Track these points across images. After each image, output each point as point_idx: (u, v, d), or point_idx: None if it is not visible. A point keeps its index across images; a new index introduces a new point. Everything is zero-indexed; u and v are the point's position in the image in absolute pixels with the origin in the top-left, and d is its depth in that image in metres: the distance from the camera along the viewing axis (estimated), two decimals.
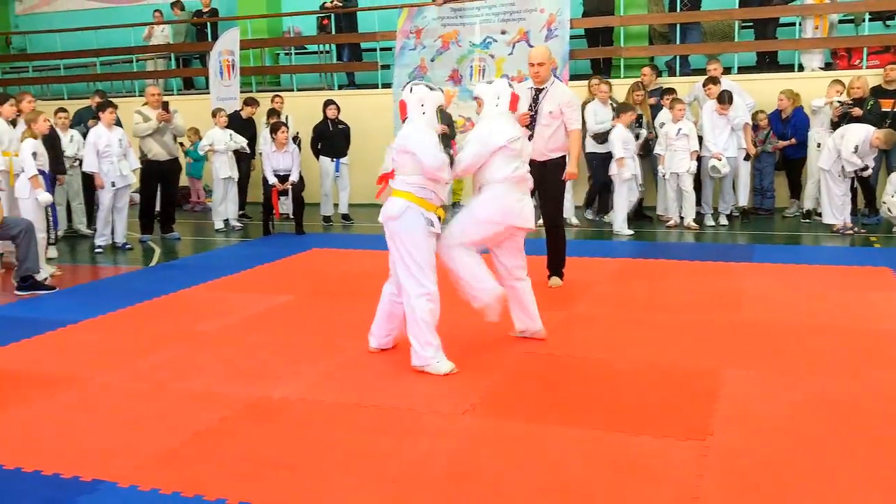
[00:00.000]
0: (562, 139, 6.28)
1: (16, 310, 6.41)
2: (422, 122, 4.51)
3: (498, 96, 4.81)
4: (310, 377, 4.54)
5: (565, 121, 6.21)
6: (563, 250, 6.57)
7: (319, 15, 13.21)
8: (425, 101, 4.54)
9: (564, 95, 6.26)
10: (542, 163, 6.22)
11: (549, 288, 6.41)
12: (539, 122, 6.17)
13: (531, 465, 3.38)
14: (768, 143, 9.75)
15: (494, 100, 4.81)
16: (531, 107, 6.16)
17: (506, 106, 4.80)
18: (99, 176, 8.84)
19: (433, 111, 4.55)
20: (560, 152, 6.32)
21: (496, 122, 4.75)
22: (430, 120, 4.54)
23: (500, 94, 4.81)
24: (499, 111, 4.78)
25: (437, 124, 4.53)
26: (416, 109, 4.53)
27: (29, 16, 16.66)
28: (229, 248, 9.18)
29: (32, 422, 4.01)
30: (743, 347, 4.91)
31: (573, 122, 6.27)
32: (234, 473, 3.37)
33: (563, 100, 6.20)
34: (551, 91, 6.19)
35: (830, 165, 8.59)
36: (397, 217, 4.45)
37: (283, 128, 9.62)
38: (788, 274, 6.83)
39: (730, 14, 11.23)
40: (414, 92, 4.57)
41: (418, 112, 4.53)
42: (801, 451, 3.45)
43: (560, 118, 6.19)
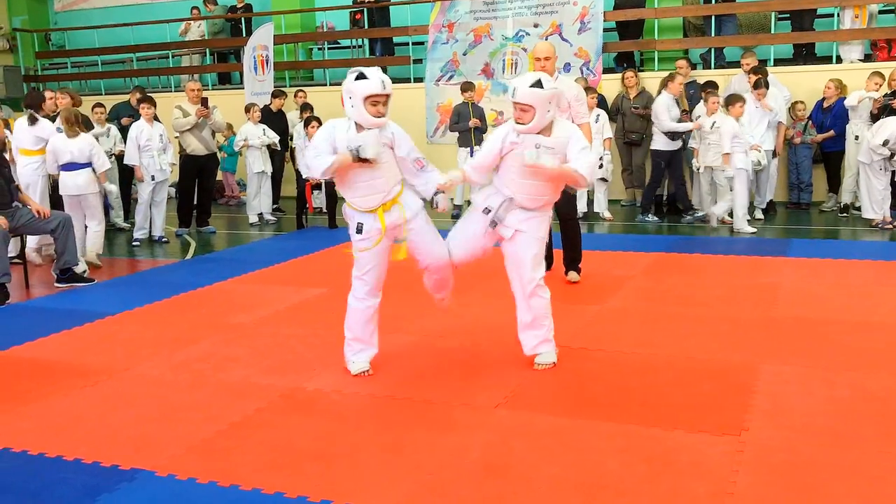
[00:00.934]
0: None
1: (55, 302, 6.53)
2: (335, 119, 4.34)
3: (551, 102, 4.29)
4: (343, 370, 4.56)
5: (574, 115, 6.07)
6: (578, 244, 6.52)
7: (352, 10, 13.25)
8: (351, 94, 4.17)
9: (572, 89, 6.15)
10: None
11: (567, 283, 6.38)
12: None
13: (564, 459, 3.38)
14: (807, 135, 9.59)
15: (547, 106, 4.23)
16: None
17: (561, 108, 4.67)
18: (139, 169, 8.98)
19: (360, 104, 4.14)
20: None
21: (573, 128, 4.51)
22: (356, 114, 4.18)
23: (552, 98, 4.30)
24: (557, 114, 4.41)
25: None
26: (346, 101, 4.23)
27: (67, 12, 16.92)
28: (263, 241, 9.26)
29: (73, 411, 4.08)
30: (779, 342, 4.86)
31: (582, 115, 6.16)
32: (270, 464, 3.41)
33: (571, 94, 6.09)
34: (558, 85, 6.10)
35: (870, 159, 8.45)
36: None
37: (314, 122, 9.68)
38: (826, 269, 6.74)
39: (766, 5, 11.06)
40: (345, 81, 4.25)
41: (347, 105, 4.22)
42: (838, 448, 3.41)
43: (567, 112, 6.13)
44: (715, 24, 11.17)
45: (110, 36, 15.19)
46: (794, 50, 11.23)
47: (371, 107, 4.15)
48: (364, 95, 4.13)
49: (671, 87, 9.15)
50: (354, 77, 4.18)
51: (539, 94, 4.17)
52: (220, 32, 14.60)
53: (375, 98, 4.15)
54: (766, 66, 10.44)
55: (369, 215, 4.30)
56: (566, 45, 11.41)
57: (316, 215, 10.18)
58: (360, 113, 4.16)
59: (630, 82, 10.32)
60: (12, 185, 6.89)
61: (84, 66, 15.75)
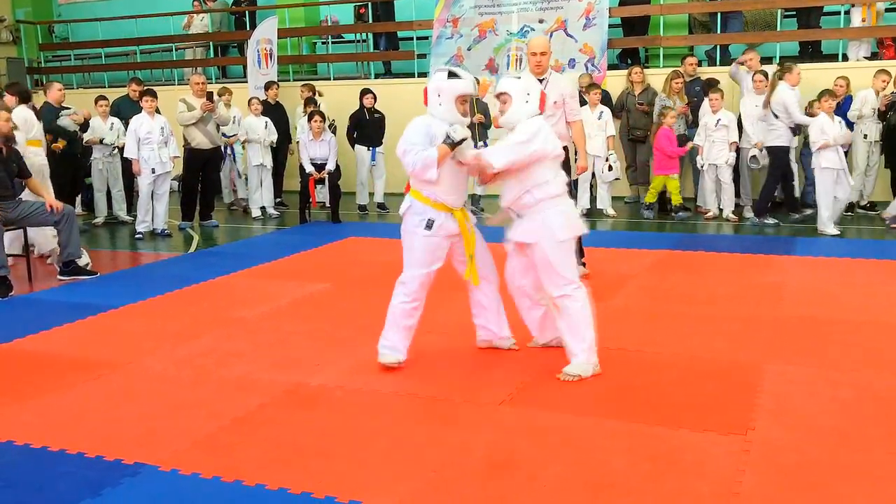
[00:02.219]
0: (565, 130, 6.08)
1: (58, 294, 6.52)
2: (424, 117, 4.31)
3: (528, 93, 4.30)
4: (347, 365, 4.55)
5: (567, 111, 6.06)
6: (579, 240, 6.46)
7: (356, 4, 13.22)
8: (441, 92, 4.24)
9: (566, 87, 6.16)
10: None
11: None
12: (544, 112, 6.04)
13: (569, 457, 3.36)
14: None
15: (524, 96, 4.29)
16: None
17: (536, 104, 4.32)
18: (137, 162, 8.95)
19: (450, 102, 4.22)
20: (563, 142, 6.19)
21: (536, 126, 4.25)
22: (444, 112, 4.24)
23: (531, 90, 4.32)
24: (531, 110, 4.30)
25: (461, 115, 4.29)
26: (432, 100, 4.28)
27: (71, 5, 16.88)
28: (266, 235, 9.25)
29: (75, 405, 4.07)
30: (785, 341, 4.84)
31: (575, 112, 6.14)
32: (273, 459, 3.40)
33: (566, 90, 6.09)
34: (552, 81, 6.02)
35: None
36: (402, 215, 4.43)
37: (317, 116, 9.65)
38: (832, 267, 6.72)
39: (772, 2, 11.01)
40: (433, 80, 4.33)
41: (434, 103, 4.27)
42: (844, 449, 3.39)
43: (562, 108, 6.09)
44: (721, 20, 11.13)
45: (114, 28, 15.15)
46: (800, 47, 11.18)
47: (460, 105, 4.25)
48: (457, 94, 4.22)
49: (789, 78, 8.62)
50: (446, 76, 4.25)
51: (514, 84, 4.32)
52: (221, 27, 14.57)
53: (465, 97, 4.26)
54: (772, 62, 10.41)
55: (443, 213, 4.29)
56: (571, 41, 11.38)
57: (319, 210, 10.16)
58: (448, 111, 4.24)
59: (635, 79, 10.28)
60: (15, 180, 6.86)
61: (87, 58, 15.72)
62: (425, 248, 4.32)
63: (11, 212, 6.69)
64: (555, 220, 4.23)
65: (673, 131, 9.26)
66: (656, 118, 9.75)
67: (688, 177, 10.34)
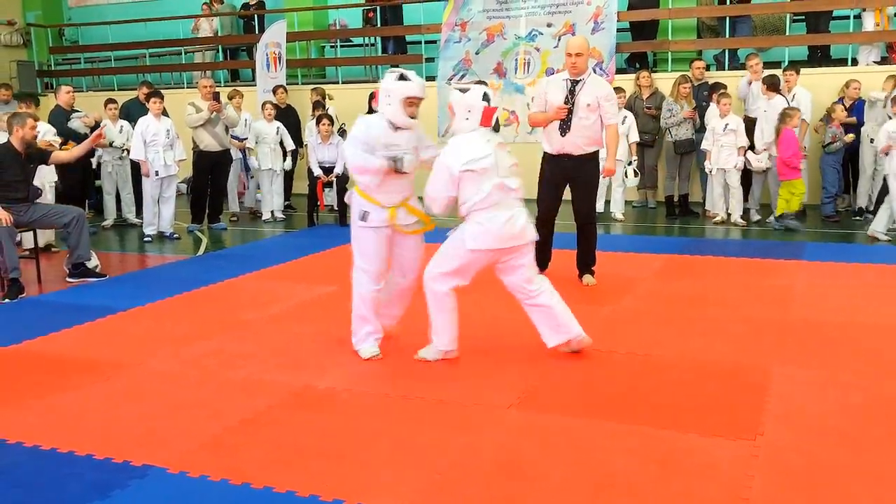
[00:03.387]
0: (598, 133, 6.10)
1: (67, 297, 6.54)
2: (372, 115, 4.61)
3: (469, 109, 4.35)
4: (354, 367, 4.56)
5: (603, 114, 6.03)
6: (594, 247, 6.43)
7: (365, 8, 13.25)
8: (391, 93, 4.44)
9: (603, 88, 6.10)
10: (577, 157, 6.09)
11: (583, 286, 6.33)
12: (576, 114, 5.97)
13: (577, 460, 3.36)
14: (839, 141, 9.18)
15: (465, 113, 4.36)
16: (567, 99, 5.99)
17: (476, 121, 4.35)
18: (145, 164, 8.98)
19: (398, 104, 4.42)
20: (595, 146, 6.15)
21: (458, 144, 4.36)
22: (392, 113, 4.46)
23: (472, 106, 4.35)
24: (469, 126, 4.36)
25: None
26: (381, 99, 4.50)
27: (81, 8, 16.98)
28: (274, 238, 9.26)
29: (84, 407, 4.08)
30: (793, 345, 4.83)
31: (611, 116, 6.11)
32: (281, 462, 3.40)
33: (602, 93, 6.03)
34: (589, 83, 6.00)
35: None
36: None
37: (325, 120, 9.67)
38: (840, 272, 6.69)
39: (781, 7, 11.02)
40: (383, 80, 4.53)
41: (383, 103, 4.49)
42: (853, 453, 3.37)
43: (597, 111, 6.04)
44: (729, 25, 11.12)
45: (123, 32, 15.22)
46: (808, 52, 11.16)
47: (408, 107, 4.42)
48: (404, 96, 4.40)
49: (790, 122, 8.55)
50: (396, 77, 4.41)
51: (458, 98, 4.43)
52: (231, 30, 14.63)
53: (413, 100, 4.41)
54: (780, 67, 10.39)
55: (376, 207, 4.51)
56: None
57: (327, 213, 10.18)
58: (395, 112, 4.43)
59: (643, 83, 10.28)
60: (32, 186, 6.90)
61: (97, 61, 15.81)
62: (364, 238, 4.58)
63: (24, 215, 6.73)
64: (469, 229, 4.39)
65: (794, 133, 8.74)
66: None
67: (696, 181, 10.32)
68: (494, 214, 4.35)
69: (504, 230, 4.37)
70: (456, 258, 4.43)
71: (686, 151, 9.70)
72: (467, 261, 4.43)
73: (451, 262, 4.45)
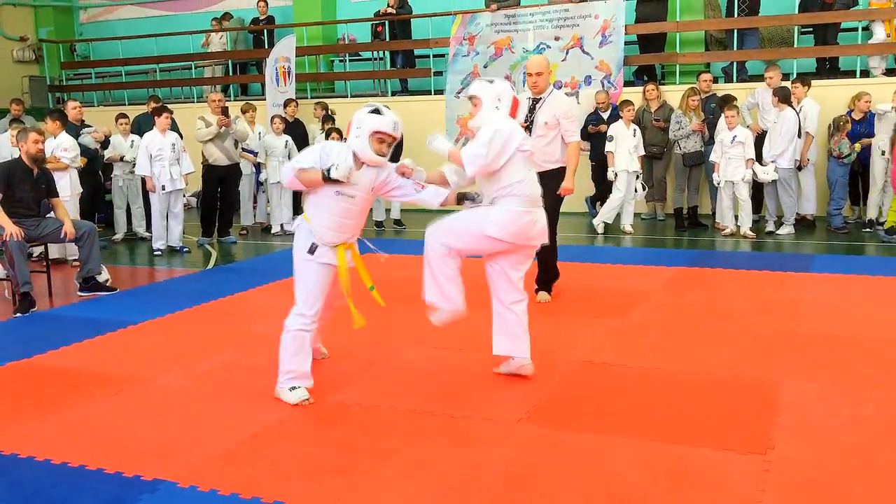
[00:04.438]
0: (558, 151, 6.03)
1: (78, 310, 6.58)
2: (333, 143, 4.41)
3: (499, 97, 4.36)
4: (365, 382, 4.57)
5: (563, 132, 5.98)
6: (554, 265, 6.28)
7: (374, 22, 13.33)
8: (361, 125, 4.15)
9: (562, 106, 6.04)
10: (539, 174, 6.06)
11: (586, 299, 6.29)
12: (535, 132, 5.92)
13: (587, 475, 3.35)
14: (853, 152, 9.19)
15: (495, 101, 4.36)
16: (527, 117, 5.95)
17: (507, 110, 4.36)
18: (151, 179, 9.01)
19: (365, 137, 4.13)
20: (556, 164, 6.05)
21: (506, 123, 4.30)
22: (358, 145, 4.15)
23: (502, 95, 4.37)
24: (500, 115, 4.33)
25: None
26: (352, 130, 4.20)
27: (93, 24, 17.13)
28: (284, 251, 9.27)
29: (95, 420, 4.10)
30: (803, 358, 4.81)
31: (571, 133, 6.04)
32: (291, 476, 3.40)
33: (561, 110, 5.98)
34: (548, 101, 5.98)
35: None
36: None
37: (334, 134, 9.72)
38: (850, 285, 6.67)
39: (789, 19, 11.02)
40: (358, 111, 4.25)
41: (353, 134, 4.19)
42: (866, 467, 3.36)
43: (557, 129, 5.97)
44: (737, 37, 11.13)
45: (134, 47, 15.36)
46: (817, 64, 11.16)
47: (376, 143, 4.14)
48: (373, 129, 4.12)
49: None
50: (369, 110, 4.18)
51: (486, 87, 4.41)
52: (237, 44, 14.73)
53: (382, 136, 4.14)
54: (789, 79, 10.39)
55: (324, 245, 4.25)
56: (587, 58, 11.42)
57: None
58: (362, 145, 4.14)
59: (651, 95, 10.31)
60: (42, 201, 6.93)
61: (108, 76, 15.92)
62: (309, 272, 4.26)
63: (34, 229, 6.77)
64: (495, 214, 4.26)
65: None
66: (673, 134, 9.73)
67: (705, 193, 10.32)
68: (524, 208, 4.29)
69: (527, 229, 4.32)
70: (471, 239, 4.32)
71: (695, 164, 9.71)
72: (481, 245, 4.34)
73: (465, 240, 4.33)
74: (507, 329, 4.48)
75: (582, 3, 11.44)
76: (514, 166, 4.28)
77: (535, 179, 4.42)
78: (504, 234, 4.27)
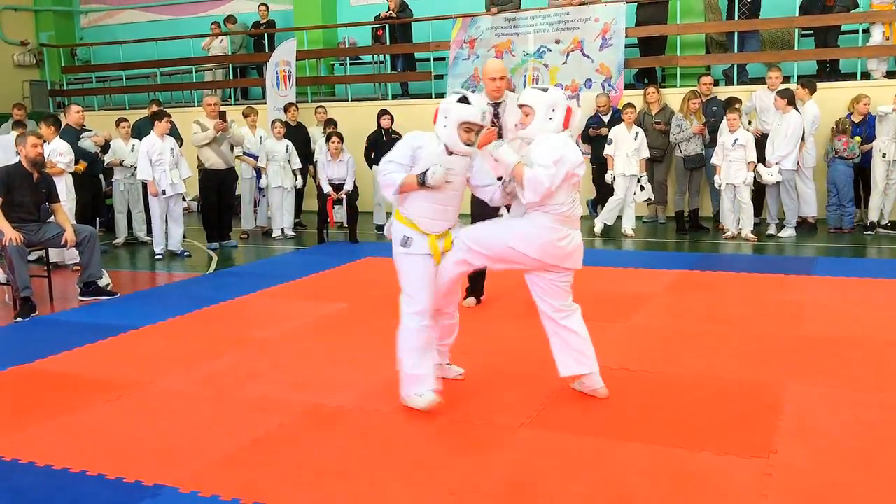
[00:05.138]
0: None
1: (79, 315, 6.57)
2: (422, 133, 4.20)
3: (553, 108, 4.04)
4: (366, 386, 4.55)
5: None
6: (483, 271, 6.04)
7: (374, 26, 13.33)
8: (448, 114, 4.08)
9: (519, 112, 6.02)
10: None
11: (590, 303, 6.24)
12: (506, 136, 5.68)
13: (589, 479, 3.34)
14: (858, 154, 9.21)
15: (548, 112, 4.04)
16: (494, 122, 5.66)
17: (560, 121, 4.05)
18: (153, 184, 9.00)
19: (453, 126, 4.06)
20: None
21: (565, 142, 4.02)
22: (447, 135, 4.08)
23: (556, 105, 4.05)
24: (553, 126, 4.04)
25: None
26: (439, 119, 4.12)
27: (93, 28, 17.15)
28: (285, 256, 9.28)
29: (96, 426, 4.09)
30: (806, 361, 4.80)
31: None
32: (293, 481, 3.39)
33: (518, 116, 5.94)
34: (509, 104, 5.73)
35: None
36: (387, 235, 4.34)
37: (334, 137, 9.72)
38: (852, 287, 6.66)
39: (790, 22, 11.01)
40: (445, 100, 4.17)
41: (440, 123, 4.12)
42: (869, 471, 3.35)
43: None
44: (738, 40, 11.12)
45: (135, 51, 15.36)
46: (817, 66, 11.15)
47: (464, 133, 4.08)
48: (461, 120, 4.06)
49: None
50: (457, 99, 4.10)
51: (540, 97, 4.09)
52: (240, 49, 14.74)
53: (470, 125, 4.08)
54: (790, 82, 10.38)
55: (418, 233, 4.16)
56: (588, 61, 11.41)
57: (337, 230, 10.21)
58: (450, 135, 4.08)
59: (652, 98, 10.30)
60: (42, 206, 6.92)
61: (109, 80, 15.93)
62: (410, 266, 4.18)
63: (35, 234, 6.76)
64: (521, 227, 4.06)
65: None
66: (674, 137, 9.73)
67: (706, 196, 10.31)
68: (554, 225, 4.02)
69: (555, 245, 4.03)
70: (494, 247, 4.10)
71: (696, 167, 9.70)
72: (504, 256, 4.09)
73: (488, 245, 4.11)
74: (565, 348, 4.22)
75: (582, 6, 11.43)
76: (560, 192, 3.98)
77: (576, 202, 4.13)
78: (528, 248, 4.02)
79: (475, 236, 4.17)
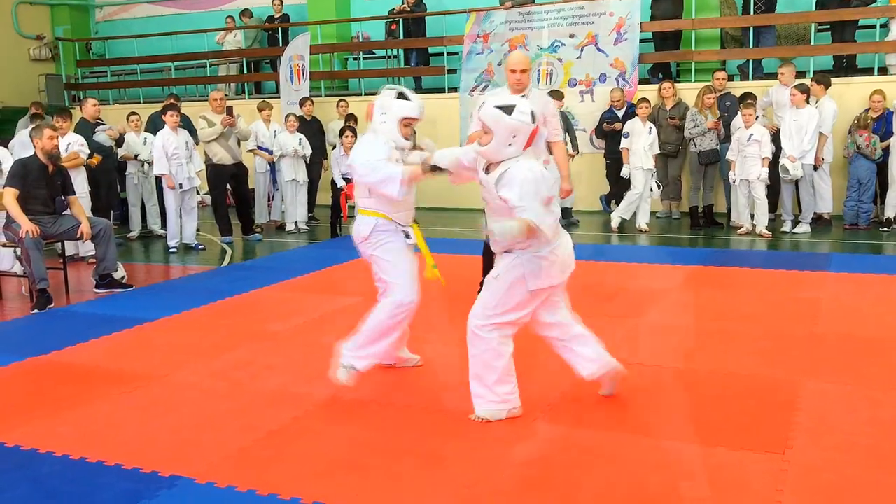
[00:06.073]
0: (544, 152, 5.79)
1: (94, 307, 6.61)
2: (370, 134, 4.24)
3: (514, 135, 3.64)
4: (380, 379, 4.56)
5: (549, 131, 5.81)
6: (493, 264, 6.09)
7: (388, 20, 13.33)
8: (387, 111, 4.15)
9: (547, 105, 5.92)
10: None
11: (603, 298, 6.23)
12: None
13: (604, 474, 3.34)
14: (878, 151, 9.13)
15: (508, 139, 3.65)
16: None
17: (520, 146, 3.69)
18: (170, 177, 9.03)
19: (394, 122, 4.14)
20: None
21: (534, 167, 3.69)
22: (387, 131, 4.17)
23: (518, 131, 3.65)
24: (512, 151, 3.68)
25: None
26: (376, 116, 4.16)
27: (108, 22, 17.22)
28: (298, 250, 9.31)
29: (113, 417, 4.12)
30: (821, 359, 4.77)
31: (556, 133, 5.90)
32: (308, 473, 3.41)
33: (548, 109, 5.86)
34: (531, 99, 5.60)
35: None
36: (366, 237, 4.35)
37: (348, 132, 9.73)
38: (868, 284, 6.61)
39: (806, 16, 10.93)
40: (380, 96, 4.23)
41: (378, 120, 4.16)
42: (884, 468, 3.33)
43: (543, 127, 5.93)
44: (753, 35, 11.06)
45: (149, 45, 15.43)
46: (834, 61, 11.08)
47: (404, 128, 4.22)
48: (401, 116, 4.19)
49: None
50: (395, 95, 4.21)
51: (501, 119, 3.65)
52: (254, 43, 14.77)
53: (410, 121, 4.22)
54: (805, 77, 10.31)
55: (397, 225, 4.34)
56: (602, 55, 11.37)
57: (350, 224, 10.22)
58: (390, 130, 4.20)
59: (667, 93, 10.26)
60: (58, 198, 6.96)
61: (123, 74, 16.01)
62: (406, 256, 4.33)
63: (51, 227, 6.81)
64: (530, 267, 3.77)
65: None
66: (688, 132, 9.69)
67: (720, 191, 10.27)
68: (557, 243, 3.83)
69: (566, 260, 3.88)
70: (515, 302, 3.82)
71: (710, 162, 9.67)
72: (531, 302, 3.85)
73: (509, 304, 3.82)
74: (581, 351, 4.07)
75: (597, 0, 11.40)
76: None
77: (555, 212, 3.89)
78: (548, 279, 3.80)
79: (493, 306, 3.85)
